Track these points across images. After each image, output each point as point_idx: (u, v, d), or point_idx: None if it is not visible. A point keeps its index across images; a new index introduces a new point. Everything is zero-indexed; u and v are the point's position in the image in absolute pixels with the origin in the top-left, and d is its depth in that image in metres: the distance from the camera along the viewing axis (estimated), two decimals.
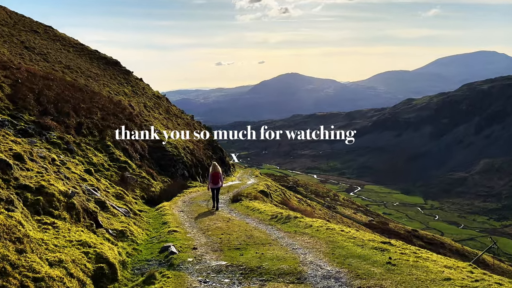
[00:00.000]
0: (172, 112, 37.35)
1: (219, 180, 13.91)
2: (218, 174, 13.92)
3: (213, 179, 13.95)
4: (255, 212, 12.65)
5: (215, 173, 14.02)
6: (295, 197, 37.18)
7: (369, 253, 7.03)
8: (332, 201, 57.31)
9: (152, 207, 14.06)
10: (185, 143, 26.91)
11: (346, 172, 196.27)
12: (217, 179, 13.86)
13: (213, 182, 13.92)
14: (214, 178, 13.92)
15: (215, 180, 13.89)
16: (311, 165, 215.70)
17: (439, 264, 6.34)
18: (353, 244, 7.71)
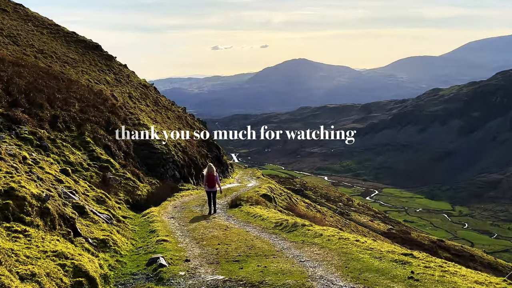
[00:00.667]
0: (161, 103, 37.36)
1: (215, 183, 14.41)
2: (214, 176, 14.45)
3: (209, 182, 14.42)
4: (257, 219, 12.66)
5: (211, 175, 14.51)
6: (302, 202, 37.20)
7: (388, 266, 7.02)
8: (345, 207, 57.34)
9: (138, 213, 14.09)
10: (176, 140, 26.94)
11: (361, 174, 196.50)
12: (213, 181, 14.37)
13: (209, 185, 14.42)
14: (210, 180, 14.40)
15: (211, 183, 14.39)
16: (321, 165, 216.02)
17: (468, 280, 6.33)
18: (370, 256, 7.71)
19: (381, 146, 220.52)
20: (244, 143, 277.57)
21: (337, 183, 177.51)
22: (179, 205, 16.10)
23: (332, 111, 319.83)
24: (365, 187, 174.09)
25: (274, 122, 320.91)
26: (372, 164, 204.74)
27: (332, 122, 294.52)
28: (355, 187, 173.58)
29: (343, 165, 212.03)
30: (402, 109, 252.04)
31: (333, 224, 30.76)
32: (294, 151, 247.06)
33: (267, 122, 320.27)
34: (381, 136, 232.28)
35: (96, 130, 18.39)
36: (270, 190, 24.87)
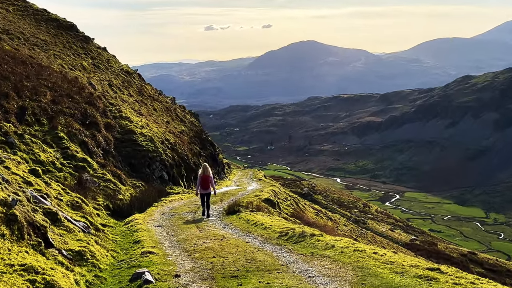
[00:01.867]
0: (146, 93, 37.36)
1: (209, 185, 15.32)
2: (208, 177, 15.31)
3: (203, 183, 15.30)
4: (258, 227, 12.68)
5: (205, 176, 15.33)
6: (311, 208, 37.23)
7: (411, 283, 7.03)
8: (361, 214, 57.39)
9: (119, 221, 14.12)
10: (164, 135, 26.97)
11: (380, 175, 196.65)
12: (208, 183, 15.27)
13: (203, 187, 15.31)
14: (204, 182, 15.29)
15: (205, 185, 15.28)
16: (333, 165, 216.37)
17: None
18: (390, 271, 7.71)
19: (403, 143, 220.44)
20: (243, 139, 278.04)
21: (351, 186, 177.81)
22: (168, 212, 16.13)
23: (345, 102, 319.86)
24: (384, 190, 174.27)
25: (278, 114, 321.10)
26: (392, 164, 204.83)
27: (345, 115, 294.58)
28: (373, 190, 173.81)
29: (359, 165, 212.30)
30: (428, 99, 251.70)
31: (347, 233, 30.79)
32: (301, 148, 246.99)
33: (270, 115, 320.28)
34: (403, 132, 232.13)
35: (71, 123, 18.40)
36: (274, 194, 24.90)
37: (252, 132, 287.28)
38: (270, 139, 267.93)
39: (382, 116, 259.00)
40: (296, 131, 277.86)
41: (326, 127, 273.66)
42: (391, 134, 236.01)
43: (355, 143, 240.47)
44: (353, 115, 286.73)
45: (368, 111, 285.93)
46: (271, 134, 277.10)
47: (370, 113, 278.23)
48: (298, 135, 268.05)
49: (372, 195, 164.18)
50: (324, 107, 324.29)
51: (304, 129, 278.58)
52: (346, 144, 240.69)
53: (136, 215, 14.51)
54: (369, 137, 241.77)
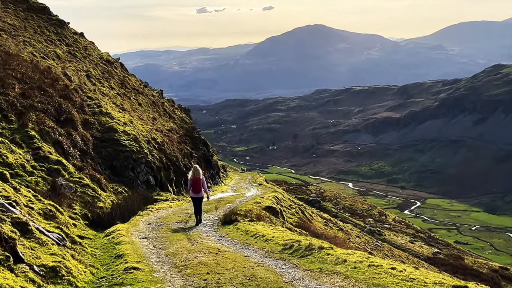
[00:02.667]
0: (130, 85, 37.36)
1: (201, 188, 16.03)
2: (199, 180, 15.99)
3: (194, 186, 15.97)
4: (259, 239, 12.68)
5: (196, 179, 15.96)
6: (319, 217, 37.27)
7: None
8: (376, 224, 57.41)
9: (99, 232, 14.12)
10: (150, 134, 26.97)
11: (398, 179, 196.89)
12: (199, 186, 15.98)
13: (194, 190, 16.01)
14: (195, 185, 15.95)
15: (197, 188, 15.97)
16: (344, 167, 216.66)
17: None
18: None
19: (425, 143, 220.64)
20: (241, 138, 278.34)
21: (365, 192, 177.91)
22: (155, 221, 16.14)
23: (358, 96, 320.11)
24: (403, 197, 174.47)
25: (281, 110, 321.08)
26: (412, 166, 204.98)
27: (358, 110, 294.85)
28: (390, 197, 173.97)
29: (374, 167, 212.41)
30: (453, 92, 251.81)
31: (360, 246, 30.81)
32: (308, 149, 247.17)
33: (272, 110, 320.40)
34: (425, 129, 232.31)
35: (43, 120, 18.40)
36: (276, 201, 24.91)
37: (251, 130, 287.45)
38: (272, 138, 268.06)
39: (401, 112, 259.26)
40: (301, 128, 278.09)
41: (336, 124, 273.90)
42: (411, 132, 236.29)
43: (370, 143, 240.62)
44: (367, 110, 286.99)
45: (385, 105, 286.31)
46: (273, 132, 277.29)
47: (387, 108, 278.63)
48: (304, 134, 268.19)
49: (389, 202, 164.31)
50: (334, 101, 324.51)
51: (311, 127, 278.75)
52: (359, 144, 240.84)
53: (119, 226, 14.51)
54: (385, 136, 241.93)
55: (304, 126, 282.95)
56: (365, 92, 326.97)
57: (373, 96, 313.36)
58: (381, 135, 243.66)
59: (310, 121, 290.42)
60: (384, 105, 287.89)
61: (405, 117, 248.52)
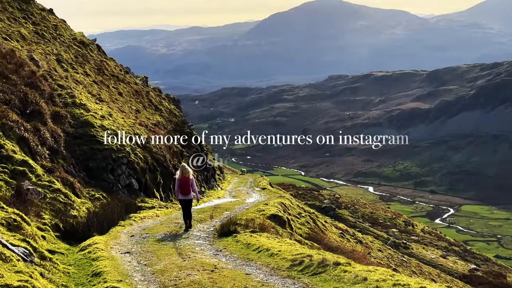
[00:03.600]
0: (108, 71, 37.34)
1: (190, 189, 16.69)
2: (188, 180, 16.69)
3: (182, 187, 16.69)
4: (263, 254, 12.66)
5: (185, 179, 16.66)
6: (334, 228, 37.28)
7: None
8: (402, 235, 57.44)
9: (73, 245, 14.11)
10: (133, 129, 26.98)
11: (428, 182, 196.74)
12: (188, 187, 16.65)
13: (183, 191, 16.71)
14: (184, 185, 16.66)
15: (185, 190, 16.66)
16: (363, 168, 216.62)
17: None
18: None
19: (459, 139, 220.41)
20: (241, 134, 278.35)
21: (388, 198, 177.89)
22: (139, 233, 16.13)
23: (380, 83, 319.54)
24: (433, 203, 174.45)
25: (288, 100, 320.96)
26: (444, 166, 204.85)
27: (380, 100, 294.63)
28: (418, 203, 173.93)
29: (399, 168, 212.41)
30: (493, 78, 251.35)
31: (383, 262, 30.78)
32: (320, 146, 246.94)
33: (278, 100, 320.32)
34: (459, 123, 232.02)
35: (6, 113, 18.38)
36: (283, 209, 24.89)
37: (252, 124, 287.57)
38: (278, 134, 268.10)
39: (430, 102, 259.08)
40: (313, 122, 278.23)
41: (354, 117, 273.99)
42: (442, 126, 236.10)
43: (394, 139, 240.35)
44: (391, 100, 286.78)
45: (411, 94, 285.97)
46: (278, 126, 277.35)
47: (414, 97, 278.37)
48: (316, 128, 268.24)
49: (417, 209, 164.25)
50: (351, 90, 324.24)
51: (323, 120, 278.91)
52: (382, 140, 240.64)
53: (96, 238, 14.49)
54: (412, 130, 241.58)
55: (315, 119, 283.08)
56: (388, 78, 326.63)
57: (397, 83, 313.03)
58: (407, 130, 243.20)
59: (323, 113, 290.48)
60: (410, 94, 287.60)
61: (436, 108, 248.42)
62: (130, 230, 16.64)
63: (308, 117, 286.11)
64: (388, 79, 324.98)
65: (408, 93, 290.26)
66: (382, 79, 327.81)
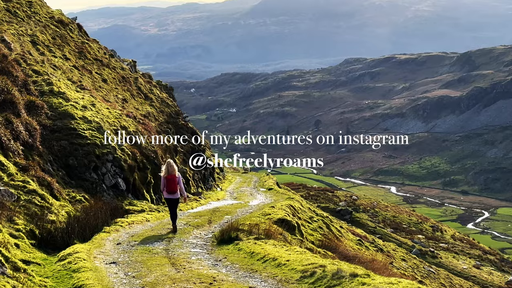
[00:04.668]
0: (91, 54, 37.32)
1: (177, 187, 17.56)
2: (175, 177, 17.51)
3: (168, 185, 17.54)
4: (269, 264, 12.64)
5: (171, 176, 17.49)
6: (351, 234, 37.24)
7: None
8: (429, 242, 57.35)
9: (51, 254, 14.11)
10: (119, 121, 26.95)
11: (459, 181, 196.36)
12: (174, 185, 17.52)
13: (169, 190, 17.59)
14: (170, 184, 17.52)
15: (172, 187, 17.53)
16: (384, 165, 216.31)
17: None
18: None
19: (495, 131, 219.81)
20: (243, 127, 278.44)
21: (414, 199, 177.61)
22: (126, 240, 16.12)
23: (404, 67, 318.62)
24: (465, 205, 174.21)
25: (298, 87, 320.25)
26: (478, 163, 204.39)
27: (403, 87, 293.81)
28: (448, 205, 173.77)
29: (425, 165, 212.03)
30: None
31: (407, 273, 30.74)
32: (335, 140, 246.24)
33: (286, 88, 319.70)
34: (495, 113, 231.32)
35: None
36: (292, 213, 24.88)
37: (257, 116, 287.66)
38: (286, 127, 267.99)
39: (462, 89, 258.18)
40: (326, 113, 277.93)
41: (374, 107, 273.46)
42: (475, 117, 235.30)
43: (420, 131, 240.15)
44: (416, 87, 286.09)
45: (439, 80, 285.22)
46: (287, 118, 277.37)
47: (443, 83, 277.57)
48: (330, 120, 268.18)
49: (446, 212, 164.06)
50: (370, 75, 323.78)
51: (338, 110, 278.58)
52: (405, 133, 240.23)
53: (77, 246, 14.49)
54: (441, 122, 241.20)
55: (329, 109, 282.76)
56: (413, 62, 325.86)
57: (423, 67, 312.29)
58: (435, 121, 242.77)
59: (338, 103, 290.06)
60: (438, 79, 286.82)
61: (468, 96, 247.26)
62: (116, 237, 16.63)
63: (320, 107, 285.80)
64: (412, 63, 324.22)
65: (436, 78, 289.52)
66: (406, 63, 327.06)
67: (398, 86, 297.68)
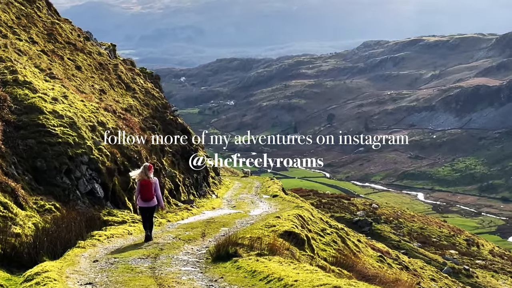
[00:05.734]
0: (63, 37, 37.32)
1: (153, 194, 18.14)
2: (150, 183, 18.12)
3: (143, 192, 18.11)
4: (273, 285, 12.63)
5: (146, 182, 18.11)
6: (370, 249, 37.21)
7: None
8: (463, 258, 57.26)
9: (16, 274, 14.12)
10: (96, 116, 26.94)
11: (499, 186, 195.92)
12: (150, 192, 18.11)
13: (144, 197, 18.13)
14: (144, 190, 18.10)
15: (147, 194, 18.09)
16: (410, 168, 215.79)
17: None
18: None
19: None
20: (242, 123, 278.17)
21: (445, 208, 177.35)
22: (105, 257, 16.11)
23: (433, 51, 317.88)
24: (506, 214, 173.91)
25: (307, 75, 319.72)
26: None
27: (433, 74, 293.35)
28: (485, 215, 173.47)
29: (459, 167, 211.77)
30: None
31: None
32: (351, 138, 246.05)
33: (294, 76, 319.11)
34: None
35: None
36: (301, 224, 24.89)
37: (259, 109, 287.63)
38: (293, 122, 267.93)
39: (502, 77, 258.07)
40: (341, 105, 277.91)
41: (397, 98, 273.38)
42: None
43: (452, 127, 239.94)
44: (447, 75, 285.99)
45: (475, 67, 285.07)
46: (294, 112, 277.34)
47: (479, 70, 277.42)
48: (345, 114, 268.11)
49: (483, 223, 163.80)
50: (393, 61, 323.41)
51: (355, 102, 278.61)
52: (435, 129, 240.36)
53: (47, 264, 14.50)
54: (477, 116, 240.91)
55: (344, 101, 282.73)
56: (444, 45, 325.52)
57: (456, 52, 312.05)
58: (470, 115, 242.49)
59: (355, 94, 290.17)
60: (474, 66, 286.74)
61: (509, 85, 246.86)
62: (92, 253, 16.62)
63: (334, 98, 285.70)
64: (443, 47, 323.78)
65: (471, 65, 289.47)
66: (435, 47, 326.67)
67: (427, 73, 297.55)
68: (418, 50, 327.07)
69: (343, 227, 39.34)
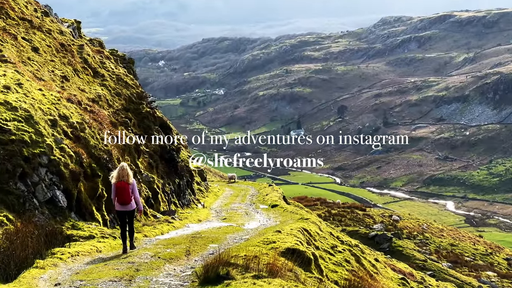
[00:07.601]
0: (16, 12, 37.34)
1: (130, 197, 19.32)
2: (127, 185, 19.27)
3: (120, 195, 19.36)
4: None
5: (122, 184, 19.27)
6: (390, 269, 37.30)
7: None
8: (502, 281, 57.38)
9: None
10: (58, 108, 26.99)
11: None
12: (127, 194, 19.28)
13: (120, 200, 19.39)
14: (121, 192, 19.31)
15: (123, 197, 19.32)
16: (438, 171, 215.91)
17: None
18: None
19: None
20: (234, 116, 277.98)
21: (480, 220, 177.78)
22: (69, 280, 16.14)
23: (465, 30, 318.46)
24: None
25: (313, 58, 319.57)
26: None
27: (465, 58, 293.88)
28: None
29: (498, 171, 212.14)
30: None
31: None
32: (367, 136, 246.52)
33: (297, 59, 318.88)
34: None
35: None
36: (307, 240, 24.93)
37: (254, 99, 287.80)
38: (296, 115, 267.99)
39: None
40: (354, 96, 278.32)
41: (422, 87, 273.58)
42: None
43: (489, 122, 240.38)
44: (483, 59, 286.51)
45: None
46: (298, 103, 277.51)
47: None
48: (359, 105, 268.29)
49: None
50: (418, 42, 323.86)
51: (372, 91, 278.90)
52: (468, 125, 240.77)
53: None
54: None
55: (359, 90, 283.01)
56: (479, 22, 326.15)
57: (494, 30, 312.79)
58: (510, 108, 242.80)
59: (371, 81, 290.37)
60: None
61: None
62: (54, 274, 16.64)
63: (346, 87, 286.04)
64: (479, 24, 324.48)
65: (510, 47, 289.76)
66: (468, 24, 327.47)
67: (458, 57, 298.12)
68: (448, 28, 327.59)
69: (358, 243, 39.41)
